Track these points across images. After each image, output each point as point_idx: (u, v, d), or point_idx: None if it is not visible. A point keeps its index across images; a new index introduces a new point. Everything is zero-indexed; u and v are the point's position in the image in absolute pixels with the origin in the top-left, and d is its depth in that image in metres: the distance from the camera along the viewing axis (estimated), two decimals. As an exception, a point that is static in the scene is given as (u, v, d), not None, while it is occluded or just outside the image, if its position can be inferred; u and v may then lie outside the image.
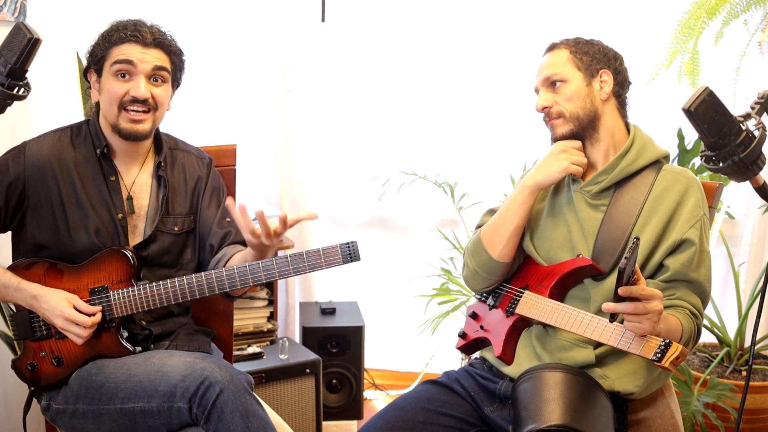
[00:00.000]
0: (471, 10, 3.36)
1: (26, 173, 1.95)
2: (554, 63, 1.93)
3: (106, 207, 1.98)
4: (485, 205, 2.62)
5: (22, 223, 1.99)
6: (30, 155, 1.97)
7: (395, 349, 3.63)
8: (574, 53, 1.92)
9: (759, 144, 1.58)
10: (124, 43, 1.93)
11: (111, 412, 1.86)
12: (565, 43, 1.95)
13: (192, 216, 2.09)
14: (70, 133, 2.03)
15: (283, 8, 3.26)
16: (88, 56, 1.99)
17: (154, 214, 2.04)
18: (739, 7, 2.75)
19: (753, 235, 3.22)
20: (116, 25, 1.97)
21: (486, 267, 1.96)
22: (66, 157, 1.98)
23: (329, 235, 3.54)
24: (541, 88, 1.95)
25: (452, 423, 1.89)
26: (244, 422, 1.77)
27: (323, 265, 1.87)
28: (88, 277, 1.95)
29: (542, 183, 1.92)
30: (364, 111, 3.50)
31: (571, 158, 1.90)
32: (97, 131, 2.01)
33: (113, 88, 1.94)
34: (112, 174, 2.00)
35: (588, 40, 1.96)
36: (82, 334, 1.88)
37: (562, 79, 1.91)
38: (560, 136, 1.93)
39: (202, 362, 1.83)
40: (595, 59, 1.92)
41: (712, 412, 2.66)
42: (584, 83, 1.91)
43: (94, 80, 2.00)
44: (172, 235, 2.05)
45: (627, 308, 1.60)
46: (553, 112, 1.92)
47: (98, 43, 1.97)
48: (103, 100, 1.97)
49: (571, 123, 1.91)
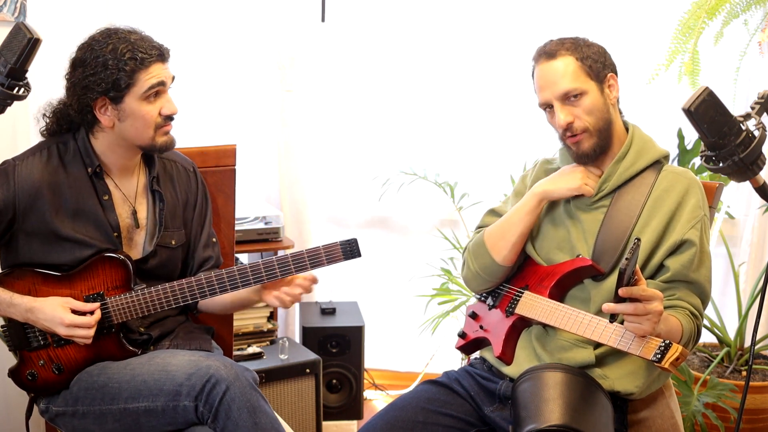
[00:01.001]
0: (471, 10, 3.36)
1: (17, 200, 1.88)
2: (566, 74, 1.82)
3: (102, 227, 1.94)
4: (485, 205, 2.62)
5: (9, 243, 1.94)
6: (20, 180, 1.88)
7: (395, 349, 3.63)
8: (581, 60, 1.84)
9: (759, 144, 1.58)
10: (151, 65, 1.85)
11: (114, 412, 1.85)
12: (564, 49, 1.85)
13: (183, 230, 2.08)
14: (57, 151, 1.94)
15: (283, 8, 3.26)
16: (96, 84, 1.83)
17: (153, 228, 2.02)
18: (739, 7, 2.75)
19: (753, 235, 3.22)
20: (129, 47, 1.83)
21: (488, 270, 1.96)
22: (58, 180, 1.91)
23: (329, 235, 3.54)
24: (556, 103, 1.84)
25: (452, 423, 1.88)
26: (251, 419, 1.76)
27: (324, 262, 1.87)
28: (81, 284, 1.92)
29: (551, 194, 1.91)
30: (364, 111, 3.50)
31: (587, 180, 1.88)
32: (88, 150, 1.93)
33: (149, 113, 1.87)
34: (105, 193, 1.95)
35: (581, 40, 1.88)
36: (88, 334, 1.86)
37: (581, 92, 1.83)
38: (589, 151, 1.85)
39: (207, 360, 1.82)
40: (600, 63, 1.86)
41: (712, 412, 2.66)
42: (599, 92, 1.85)
43: (107, 106, 1.87)
44: (170, 249, 2.04)
45: (627, 309, 1.60)
46: (577, 127, 1.84)
47: (114, 70, 1.82)
48: (131, 126, 1.88)
49: (595, 137, 1.85)
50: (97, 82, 1.83)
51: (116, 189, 1.98)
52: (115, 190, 1.98)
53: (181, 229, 2.07)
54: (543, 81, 1.86)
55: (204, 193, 2.15)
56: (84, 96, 1.86)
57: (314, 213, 3.46)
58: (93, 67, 1.84)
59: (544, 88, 1.86)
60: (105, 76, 1.83)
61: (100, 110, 1.88)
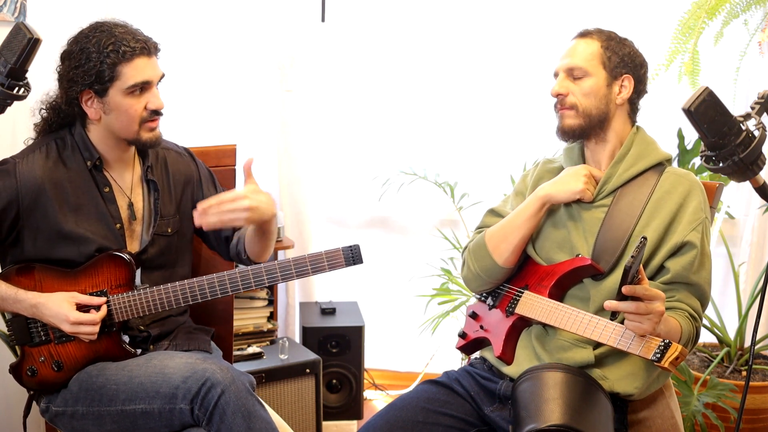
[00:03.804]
0: (471, 10, 3.36)
1: (19, 198, 1.89)
2: (582, 53, 1.90)
3: (104, 220, 1.95)
4: (485, 205, 2.61)
5: (15, 241, 1.94)
6: (21, 178, 1.89)
7: (395, 349, 3.63)
8: (605, 49, 1.90)
9: (759, 144, 1.58)
10: (134, 58, 1.85)
11: (112, 414, 1.86)
12: (598, 35, 1.92)
13: (177, 216, 2.08)
14: (56, 147, 1.95)
15: (283, 8, 3.26)
16: (80, 76, 1.84)
17: (149, 218, 2.03)
18: (739, 7, 2.75)
19: (753, 235, 3.22)
20: (112, 40, 1.83)
21: (489, 272, 1.96)
22: (58, 176, 1.92)
23: (329, 235, 3.54)
24: (561, 73, 1.92)
25: (452, 423, 1.88)
26: (246, 423, 1.77)
27: (326, 268, 1.87)
28: (85, 281, 1.93)
29: (554, 198, 1.91)
30: (363, 111, 3.50)
31: (589, 185, 1.90)
32: (86, 143, 1.94)
33: (133, 107, 1.87)
34: (105, 185, 1.97)
35: (621, 38, 1.93)
36: (93, 331, 1.87)
37: (586, 72, 1.89)
38: (567, 128, 1.91)
39: (203, 363, 1.82)
40: (623, 62, 1.90)
41: (712, 412, 2.66)
42: (605, 83, 1.89)
43: (93, 99, 1.88)
44: (167, 237, 2.05)
45: (629, 307, 1.60)
46: (567, 101, 1.91)
47: (97, 62, 1.83)
48: (116, 119, 1.89)
49: (581, 118, 1.90)
50: (80, 74, 1.85)
51: (114, 182, 1.99)
52: (113, 183, 1.99)
53: (176, 216, 2.07)
54: (564, 53, 1.94)
55: (206, 169, 2.15)
56: (70, 89, 1.88)
57: (314, 213, 3.46)
58: (78, 60, 1.86)
59: (561, 59, 1.94)
60: (88, 69, 1.84)
61: (86, 103, 1.90)
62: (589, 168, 1.93)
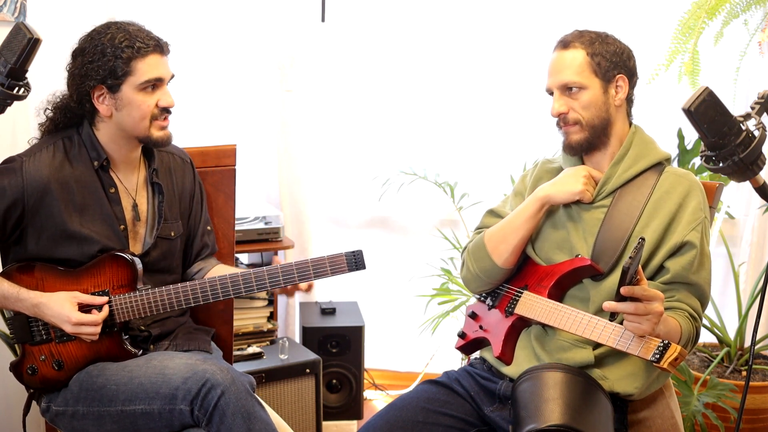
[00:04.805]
0: (471, 10, 3.36)
1: (25, 197, 1.89)
2: (571, 66, 1.86)
3: (109, 220, 1.96)
4: (485, 205, 2.61)
5: (18, 239, 1.94)
6: (28, 177, 1.88)
7: (395, 349, 3.63)
8: (592, 56, 1.86)
9: (759, 144, 1.58)
10: (148, 54, 1.86)
11: (112, 414, 1.86)
12: (580, 42, 1.87)
13: (180, 221, 2.09)
14: (63, 146, 1.95)
15: (283, 8, 3.26)
16: (93, 71, 1.86)
17: (153, 220, 2.03)
18: (739, 7, 2.75)
19: (753, 235, 3.22)
20: (126, 36, 1.85)
21: (489, 272, 1.96)
22: (65, 175, 1.92)
23: (329, 236, 3.54)
24: (556, 92, 1.89)
25: (452, 423, 1.88)
26: (245, 424, 1.77)
27: (329, 273, 1.87)
28: (88, 281, 1.93)
29: (554, 198, 1.91)
30: (363, 111, 3.50)
31: (589, 186, 1.90)
32: (93, 143, 1.95)
33: (145, 103, 1.88)
34: (111, 186, 1.97)
35: (602, 36, 1.89)
36: (95, 332, 1.87)
37: (581, 86, 1.86)
38: (575, 143, 1.89)
39: (203, 364, 1.82)
40: (612, 63, 1.87)
41: (712, 412, 2.66)
42: (601, 91, 1.87)
43: (105, 95, 1.89)
44: (170, 240, 2.05)
45: (628, 308, 1.60)
46: (570, 119, 1.88)
47: (111, 57, 1.84)
48: (127, 115, 1.90)
49: (586, 131, 1.88)
50: (94, 69, 1.86)
51: (119, 183, 1.99)
52: (119, 184, 1.99)
53: (179, 221, 2.08)
54: (551, 68, 1.91)
55: (199, 183, 2.17)
56: (82, 84, 1.88)
57: (314, 213, 3.46)
58: (91, 56, 1.86)
59: (550, 75, 1.91)
60: (102, 63, 1.85)
61: (98, 99, 1.90)
62: (588, 169, 1.92)
